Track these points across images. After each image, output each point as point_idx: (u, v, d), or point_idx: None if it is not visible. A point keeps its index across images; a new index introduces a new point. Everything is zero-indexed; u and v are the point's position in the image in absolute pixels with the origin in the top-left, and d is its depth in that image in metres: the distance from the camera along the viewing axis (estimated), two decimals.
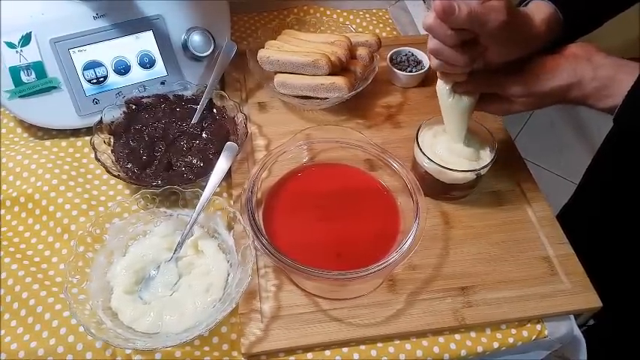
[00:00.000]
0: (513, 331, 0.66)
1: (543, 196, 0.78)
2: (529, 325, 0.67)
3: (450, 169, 0.70)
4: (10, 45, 0.77)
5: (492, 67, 0.65)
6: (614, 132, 0.93)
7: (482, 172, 0.72)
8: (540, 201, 0.77)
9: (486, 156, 0.73)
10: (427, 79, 0.94)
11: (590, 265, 0.70)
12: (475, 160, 0.72)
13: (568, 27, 0.65)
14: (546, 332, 0.67)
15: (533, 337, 0.66)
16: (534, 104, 0.66)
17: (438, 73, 0.67)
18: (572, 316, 0.69)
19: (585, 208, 1.03)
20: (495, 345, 0.65)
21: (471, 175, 0.72)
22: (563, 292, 0.68)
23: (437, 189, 0.75)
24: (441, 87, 0.69)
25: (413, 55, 0.94)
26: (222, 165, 0.70)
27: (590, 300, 0.67)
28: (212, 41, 0.86)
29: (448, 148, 0.72)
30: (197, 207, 0.66)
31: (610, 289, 0.71)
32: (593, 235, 0.94)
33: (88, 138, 0.81)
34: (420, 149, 0.72)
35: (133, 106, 0.82)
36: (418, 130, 0.75)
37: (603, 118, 0.64)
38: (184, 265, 0.67)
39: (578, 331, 0.69)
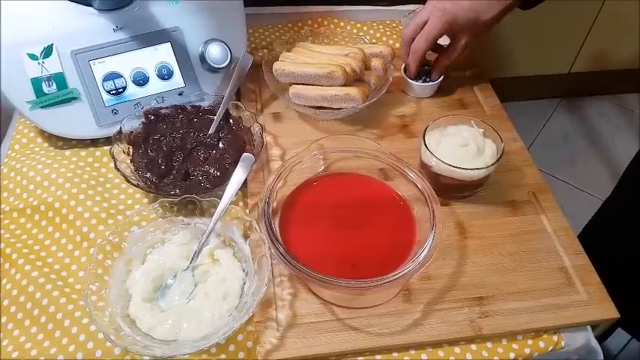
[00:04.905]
0: (530, 341, 0.66)
1: (559, 206, 0.78)
2: (545, 335, 0.67)
3: (456, 167, 0.71)
4: (33, 57, 0.79)
5: None
6: None
7: (489, 170, 0.73)
8: (556, 211, 0.77)
9: (493, 155, 0.74)
10: (441, 90, 0.94)
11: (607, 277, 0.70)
12: (481, 158, 0.73)
13: None
14: (563, 343, 0.66)
15: (550, 348, 0.66)
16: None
17: None
18: (589, 327, 0.68)
19: (610, 226, 1.02)
20: (511, 356, 0.65)
21: (477, 174, 0.72)
22: (579, 303, 0.67)
23: (443, 188, 0.75)
24: None
25: (426, 65, 0.95)
26: (238, 176, 0.70)
27: (607, 311, 0.67)
28: (229, 53, 0.87)
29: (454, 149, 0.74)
30: (214, 216, 0.67)
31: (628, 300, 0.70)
32: (616, 253, 0.93)
33: (107, 148, 0.83)
34: (427, 147, 0.73)
35: (152, 117, 0.83)
36: (425, 129, 0.76)
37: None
38: (200, 274, 0.67)
39: (595, 342, 0.68)
